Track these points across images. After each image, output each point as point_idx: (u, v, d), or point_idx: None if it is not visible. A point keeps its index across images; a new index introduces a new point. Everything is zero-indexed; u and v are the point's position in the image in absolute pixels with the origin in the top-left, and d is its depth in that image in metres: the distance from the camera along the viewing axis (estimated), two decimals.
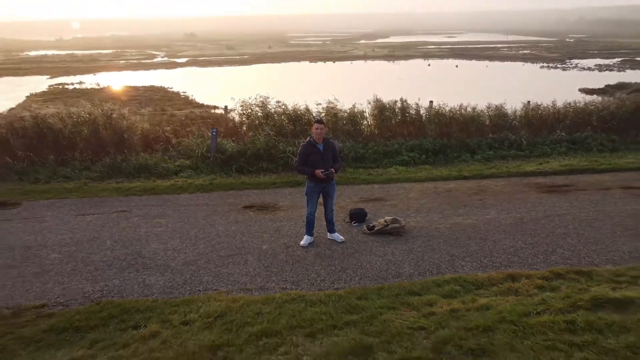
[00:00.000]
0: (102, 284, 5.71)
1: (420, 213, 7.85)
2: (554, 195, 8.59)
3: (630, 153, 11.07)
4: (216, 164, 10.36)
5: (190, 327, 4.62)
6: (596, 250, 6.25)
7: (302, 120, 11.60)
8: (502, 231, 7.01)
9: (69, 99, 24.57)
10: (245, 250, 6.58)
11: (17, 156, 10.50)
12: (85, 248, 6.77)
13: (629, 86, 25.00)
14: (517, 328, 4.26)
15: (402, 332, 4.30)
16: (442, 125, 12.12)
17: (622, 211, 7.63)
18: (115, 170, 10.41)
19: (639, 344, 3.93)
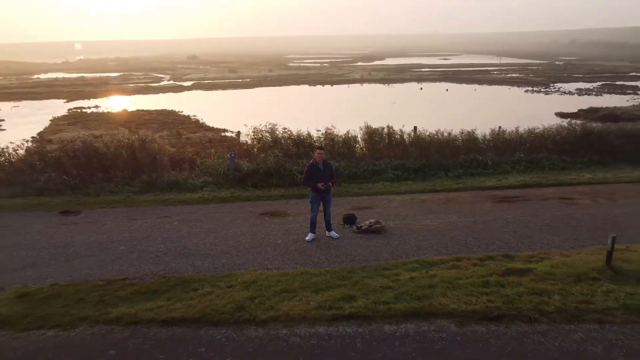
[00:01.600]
0: (162, 266, 7.89)
1: (398, 217, 10.08)
2: (505, 204, 10.85)
3: (576, 171, 13.39)
4: (234, 180, 12.62)
5: (233, 288, 6.81)
6: (524, 242, 8.47)
7: (304, 144, 13.92)
8: (458, 230, 9.24)
9: (89, 122, 26.96)
10: (264, 244, 8.79)
11: (71, 174, 12.75)
12: (143, 243, 8.98)
13: (600, 110, 27.49)
14: (450, 285, 6.47)
15: (376, 289, 6.51)
16: (422, 148, 14.45)
17: (553, 216, 9.88)
18: (151, 186, 12.67)
19: (525, 292, 6.14)
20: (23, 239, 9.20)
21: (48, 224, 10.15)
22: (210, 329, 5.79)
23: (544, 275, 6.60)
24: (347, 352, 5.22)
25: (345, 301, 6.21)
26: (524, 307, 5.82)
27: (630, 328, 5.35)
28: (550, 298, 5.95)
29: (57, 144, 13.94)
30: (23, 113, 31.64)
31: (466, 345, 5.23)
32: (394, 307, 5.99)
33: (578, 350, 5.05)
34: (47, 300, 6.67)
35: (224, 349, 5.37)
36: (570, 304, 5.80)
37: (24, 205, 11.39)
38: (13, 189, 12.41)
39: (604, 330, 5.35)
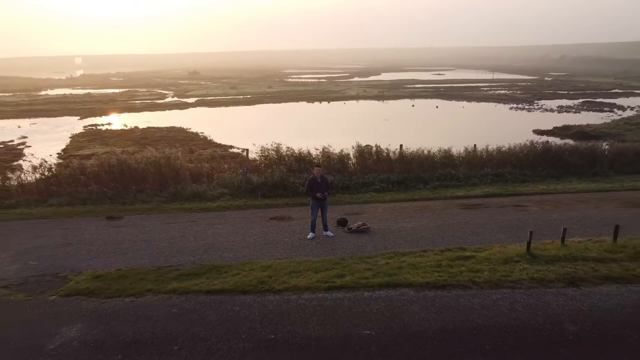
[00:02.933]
0: (197, 257, 10.28)
1: (381, 221, 12.51)
2: (469, 210, 13.31)
3: (534, 183, 15.88)
4: (247, 191, 15.06)
5: (254, 271, 9.19)
6: (477, 239, 10.90)
7: (305, 160, 16.39)
8: (428, 230, 11.66)
9: (107, 139, 29.41)
10: (274, 241, 11.19)
11: (108, 186, 15.15)
12: (178, 241, 11.37)
13: (572, 128, 30.12)
14: (414, 267, 8.88)
15: (360, 270, 8.91)
16: (405, 163, 16.94)
17: (505, 219, 12.32)
18: (177, 196, 15.08)
19: (466, 270, 8.56)
20: (84, 238, 11.59)
21: (99, 226, 12.56)
22: (241, 295, 8.19)
23: (482, 260, 9.03)
24: (337, 309, 7.61)
25: (337, 278, 8.62)
26: (462, 279, 8.24)
27: (531, 291, 7.78)
28: (482, 274, 8.38)
29: (94, 160, 16.32)
30: (43, 130, 34.09)
31: (419, 303, 7.64)
32: (372, 281, 8.40)
33: (493, 305, 7.46)
34: (116, 280, 9.05)
35: (252, 308, 7.75)
36: (494, 277, 8.23)
37: (75, 212, 13.80)
38: (61, 199, 14.81)
39: (514, 292, 7.77)
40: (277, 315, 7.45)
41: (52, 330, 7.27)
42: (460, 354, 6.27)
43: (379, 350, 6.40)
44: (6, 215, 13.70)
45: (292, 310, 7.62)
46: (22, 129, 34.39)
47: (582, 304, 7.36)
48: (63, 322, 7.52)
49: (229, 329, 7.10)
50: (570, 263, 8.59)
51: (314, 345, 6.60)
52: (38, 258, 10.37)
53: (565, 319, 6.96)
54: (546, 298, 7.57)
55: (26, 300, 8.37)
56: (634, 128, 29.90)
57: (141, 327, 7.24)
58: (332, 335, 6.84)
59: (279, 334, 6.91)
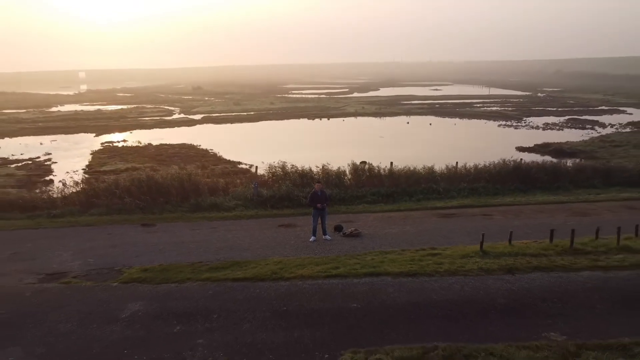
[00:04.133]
0: (222, 255, 12.83)
1: (371, 227, 15.07)
2: (444, 218, 15.90)
3: (503, 196, 18.47)
4: (257, 203, 17.65)
5: (268, 265, 11.73)
6: (446, 241, 13.43)
7: (307, 176, 19.01)
8: (409, 235, 14.22)
9: (125, 155, 32.09)
10: (283, 243, 13.75)
11: (139, 198, 17.75)
12: (204, 243, 13.93)
13: (551, 145, 32.79)
14: (393, 261, 11.44)
15: (351, 264, 11.47)
16: (394, 178, 19.55)
17: (472, 226, 14.87)
18: (198, 207, 17.67)
19: (432, 263, 11.13)
20: (127, 241, 14.19)
21: (137, 232, 15.15)
22: (259, 282, 10.74)
23: (446, 256, 11.61)
24: (333, 290, 10.16)
25: (333, 269, 11.18)
26: (428, 270, 10.81)
27: (478, 277, 10.34)
28: (443, 265, 10.96)
29: (126, 176, 18.94)
30: (64, 147, 36.79)
31: (394, 286, 10.18)
32: (359, 271, 10.97)
33: (448, 287, 10.01)
34: (161, 272, 11.61)
35: (269, 290, 10.30)
36: (452, 268, 10.80)
37: (113, 220, 16.39)
38: (100, 210, 17.40)
39: (465, 278, 10.34)
40: (288, 295, 10.02)
41: (121, 305, 9.82)
42: (420, 318, 8.84)
43: (362, 316, 8.97)
44: (56, 223, 16.29)
45: (299, 291, 10.19)
46: (44, 145, 37.08)
47: (513, 285, 9.94)
48: (128, 300, 10.08)
49: (253, 304, 9.66)
50: (512, 258, 11.18)
51: (315, 315, 9.16)
52: (94, 256, 12.94)
53: (499, 296, 9.54)
54: (488, 282, 10.14)
55: (95, 286, 10.93)
56: (607, 146, 32.56)
57: (187, 304, 9.80)
58: (329, 307, 9.41)
59: (290, 307, 9.47)
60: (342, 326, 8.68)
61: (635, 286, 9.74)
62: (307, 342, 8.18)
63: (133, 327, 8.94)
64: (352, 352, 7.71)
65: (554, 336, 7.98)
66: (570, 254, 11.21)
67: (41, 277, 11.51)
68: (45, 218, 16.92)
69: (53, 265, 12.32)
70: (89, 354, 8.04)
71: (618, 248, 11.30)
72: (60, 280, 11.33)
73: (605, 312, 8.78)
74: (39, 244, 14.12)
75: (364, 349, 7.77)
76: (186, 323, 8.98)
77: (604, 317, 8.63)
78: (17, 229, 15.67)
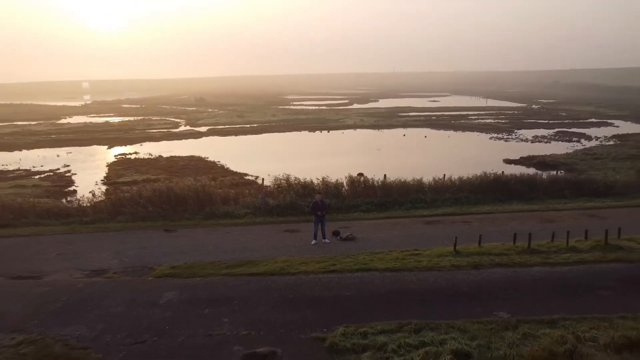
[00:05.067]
0: (236, 256, 15.10)
1: (364, 232, 17.35)
2: (429, 225, 18.18)
3: (483, 205, 20.75)
4: (265, 211, 19.95)
5: (276, 263, 14.00)
6: (429, 243, 15.66)
7: (309, 188, 21.32)
8: (397, 239, 16.49)
9: (139, 167, 34.43)
10: (288, 245, 16.03)
11: (161, 207, 20.05)
12: (220, 245, 16.21)
13: (535, 158, 35.10)
14: (381, 259, 13.72)
15: (345, 262, 13.74)
16: (386, 189, 21.86)
17: (453, 231, 17.09)
18: (212, 215, 19.97)
19: (413, 261, 13.41)
20: (154, 243, 16.48)
21: (161, 236, 17.45)
22: (270, 276, 13.01)
23: (425, 255, 13.89)
24: (330, 282, 12.43)
25: (330, 266, 13.46)
26: (409, 266, 13.10)
27: (450, 272, 12.62)
28: (422, 263, 13.24)
29: (149, 187, 21.28)
30: (80, 159, 39.17)
31: (380, 279, 12.46)
32: (352, 267, 13.25)
33: (425, 279, 12.30)
34: (187, 269, 13.89)
35: (278, 282, 12.58)
36: (429, 265, 13.09)
37: (139, 226, 18.69)
38: (125, 217, 19.70)
39: (439, 273, 12.62)
40: (294, 286, 12.31)
41: (158, 294, 12.10)
42: (399, 303, 11.12)
43: (353, 301, 11.26)
44: (89, 228, 18.60)
45: (302, 283, 12.48)
46: (61, 157, 39.45)
47: (476, 278, 12.23)
48: (163, 290, 12.36)
49: (265, 293, 11.95)
50: (479, 256, 13.46)
51: (316, 300, 11.44)
52: (127, 256, 15.23)
53: (464, 285, 11.83)
54: (457, 275, 12.44)
55: (133, 280, 13.22)
56: (588, 158, 34.86)
57: (212, 293, 12.08)
58: (327, 295, 11.70)
59: (295, 295, 11.76)
60: (338, 308, 10.96)
61: (573, 278, 12.02)
62: (310, 319, 10.45)
63: (171, 309, 11.22)
64: (344, 326, 9.97)
65: (501, 314, 10.26)
66: (528, 254, 13.50)
67: (87, 273, 13.80)
68: (78, 224, 19.23)
69: (94, 263, 14.61)
70: (139, 328, 10.32)
71: (567, 249, 13.58)
72: (103, 275, 13.62)
73: (545, 297, 11.06)
74: (78, 246, 16.42)
75: (353, 324, 10.03)
76: (213, 307, 11.25)
77: (543, 301, 10.90)
78: (56, 234, 17.96)
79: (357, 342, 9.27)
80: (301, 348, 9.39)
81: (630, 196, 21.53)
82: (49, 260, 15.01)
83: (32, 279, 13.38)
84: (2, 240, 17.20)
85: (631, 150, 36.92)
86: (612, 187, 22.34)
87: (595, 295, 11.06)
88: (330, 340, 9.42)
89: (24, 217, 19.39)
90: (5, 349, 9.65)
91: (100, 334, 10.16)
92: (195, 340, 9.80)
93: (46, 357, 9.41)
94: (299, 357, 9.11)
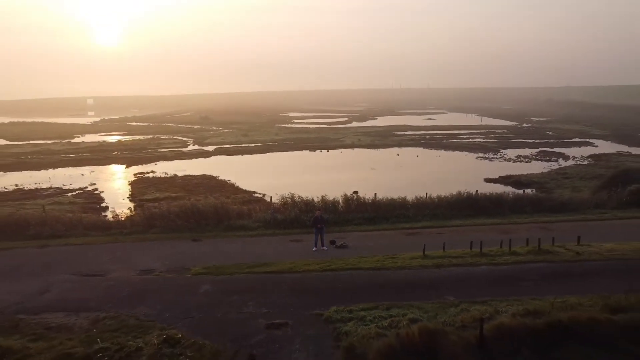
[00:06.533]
0: (252, 259, 19.06)
1: (355, 241, 21.32)
2: (409, 235, 22.20)
3: (455, 219, 24.75)
4: (274, 224, 23.98)
5: (285, 264, 18.00)
6: (406, 250, 19.69)
7: (310, 204, 25.38)
8: (382, 247, 20.44)
9: (159, 185, 38.52)
10: (294, 253, 20.02)
11: (187, 221, 24.05)
12: (240, 252, 20.21)
13: (512, 177, 39.18)
14: (366, 261, 17.73)
15: (339, 263, 17.74)
16: (376, 206, 25.91)
17: (427, 239, 21.03)
18: (229, 228, 23.97)
19: (390, 264, 17.42)
20: (185, 250, 20.48)
21: (190, 245, 21.45)
22: (281, 273, 17.00)
23: (401, 258, 17.88)
24: (326, 277, 16.42)
25: (327, 266, 17.47)
26: (388, 265, 17.10)
27: (417, 270, 16.64)
28: (397, 263, 17.24)
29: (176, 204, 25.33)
30: (103, 178, 43.29)
31: (365, 275, 16.45)
32: (344, 267, 17.27)
33: (398, 275, 16.29)
34: (216, 269, 17.90)
35: (287, 278, 16.57)
36: (403, 265, 17.09)
37: (170, 237, 22.69)
38: (157, 229, 23.72)
39: (410, 270, 16.63)
40: (299, 280, 16.31)
41: (197, 286, 16.09)
42: (377, 291, 15.10)
43: (343, 290, 15.25)
44: (129, 238, 22.60)
45: (306, 278, 16.48)
46: (86, 176, 43.53)
47: (437, 274, 16.24)
48: (200, 284, 16.34)
49: (277, 285, 15.93)
50: (442, 259, 17.47)
51: (315, 290, 15.42)
52: (167, 260, 19.21)
53: (425, 279, 15.84)
54: (422, 272, 16.46)
55: (175, 277, 17.20)
56: (559, 177, 38.93)
57: (238, 285, 16.07)
58: (325, 287, 15.69)
59: (300, 286, 15.74)
60: (331, 295, 14.94)
61: (507, 274, 16.04)
62: (310, 302, 14.44)
63: (208, 297, 15.22)
64: (336, 307, 13.92)
65: (449, 298, 14.25)
66: (479, 256, 17.52)
67: (138, 272, 17.80)
68: (120, 235, 23.25)
69: (142, 265, 18.60)
70: (187, 308, 14.30)
71: (509, 253, 17.62)
72: (151, 274, 17.62)
73: (483, 286, 15.07)
74: (125, 252, 20.42)
75: (342, 305, 14.00)
76: (240, 295, 15.24)
77: (482, 289, 14.90)
78: (103, 243, 21.98)
79: (344, 316, 13.27)
80: (305, 320, 13.36)
81: (581, 212, 25.58)
82: (105, 263, 19.00)
83: (99, 276, 17.38)
84: (61, 248, 21.23)
85: (600, 170, 40.94)
86: (567, 204, 26.38)
87: (519, 285, 15.07)
88: (326, 315, 13.42)
89: (74, 229, 23.43)
90: (97, 322, 13.64)
91: (160, 312, 14.16)
92: (230, 316, 13.80)
93: (125, 326, 13.38)
94: (304, 326, 13.08)
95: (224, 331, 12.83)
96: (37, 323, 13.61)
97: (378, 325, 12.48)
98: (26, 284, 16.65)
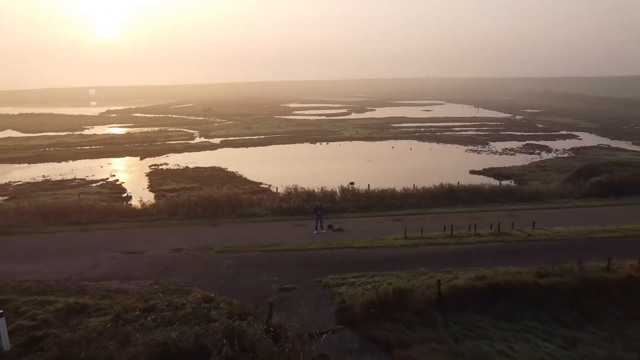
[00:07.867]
0: (263, 240, 22.89)
1: (350, 226, 25.14)
2: (396, 221, 26.02)
3: (437, 208, 28.56)
4: (280, 212, 27.80)
5: (291, 244, 21.84)
6: (392, 232, 23.52)
7: (311, 195, 29.18)
8: (371, 230, 24.26)
9: (174, 176, 42.27)
10: (298, 235, 23.83)
11: (206, 209, 27.85)
12: (253, 235, 24.02)
13: (494, 170, 42.90)
14: (358, 241, 21.58)
15: (336, 243, 21.60)
16: (369, 196, 29.70)
17: (409, 225, 24.88)
18: (242, 215, 27.79)
19: (377, 243, 21.28)
20: (206, 234, 24.31)
21: (210, 229, 25.28)
22: (288, 251, 20.84)
23: (387, 240, 21.71)
24: (326, 254, 20.27)
25: (326, 245, 21.32)
26: (375, 245, 20.95)
27: (399, 248, 20.49)
28: (383, 243, 21.08)
29: (195, 194, 29.12)
30: (121, 169, 47.07)
31: (357, 253, 20.29)
32: (340, 246, 21.13)
33: (383, 253, 20.14)
34: (234, 248, 21.73)
35: (292, 254, 20.41)
36: (387, 244, 20.94)
37: (191, 223, 26.52)
38: (180, 216, 27.54)
39: (393, 249, 20.51)
40: (303, 257, 20.16)
41: (220, 261, 19.95)
42: (366, 264, 18.95)
43: (339, 263, 19.10)
44: (156, 224, 26.44)
45: (308, 255, 20.34)
46: (104, 168, 47.30)
47: (414, 252, 20.09)
48: (222, 259, 20.20)
49: (285, 260, 19.79)
50: (419, 239, 21.29)
51: (316, 263, 19.27)
52: (192, 241, 23.04)
53: (404, 255, 19.68)
54: (402, 250, 20.31)
55: (202, 254, 21.05)
56: (537, 170, 42.61)
57: (254, 260, 19.91)
58: (323, 261, 19.54)
59: (304, 261, 19.59)
60: (329, 267, 18.78)
61: (470, 251, 19.89)
62: (312, 272, 18.29)
63: (230, 269, 19.07)
64: (332, 276, 17.75)
65: (422, 269, 18.11)
66: (449, 238, 21.35)
67: (170, 251, 21.64)
68: (147, 221, 27.09)
69: (171, 245, 22.43)
70: (215, 278, 18.15)
71: (474, 235, 21.45)
72: (181, 251, 21.47)
73: (450, 260, 18.91)
74: (155, 235, 24.26)
75: (337, 274, 17.83)
76: (256, 267, 19.09)
77: (448, 262, 18.75)
78: (136, 227, 25.82)
79: (338, 282, 17.13)
80: (308, 285, 17.21)
81: (546, 202, 29.40)
82: (140, 243, 22.84)
83: (138, 254, 21.23)
84: (100, 232, 25.07)
85: (576, 163, 44.54)
86: (536, 194, 30.18)
87: (478, 259, 18.92)
88: (324, 281, 17.28)
89: (109, 215, 27.27)
90: (145, 287, 17.50)
91: (194, 280, 18.03)
92: (249, 283, 17.67)
93: (168, 290, 17.21)
94: (307, 289, 16.94)
95: (246, 293, 16.69)
96: (98, 287, 17.47)
97: (364, 287, 16.34)
98: (80, 261, 20.50)
